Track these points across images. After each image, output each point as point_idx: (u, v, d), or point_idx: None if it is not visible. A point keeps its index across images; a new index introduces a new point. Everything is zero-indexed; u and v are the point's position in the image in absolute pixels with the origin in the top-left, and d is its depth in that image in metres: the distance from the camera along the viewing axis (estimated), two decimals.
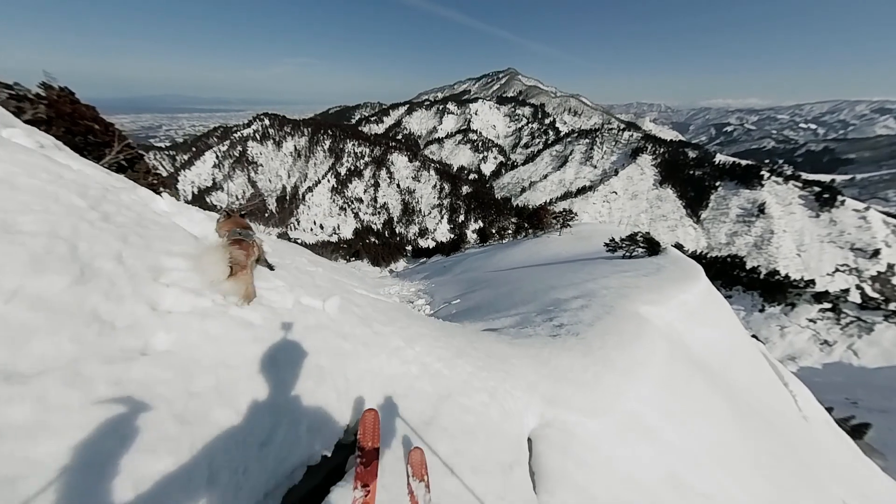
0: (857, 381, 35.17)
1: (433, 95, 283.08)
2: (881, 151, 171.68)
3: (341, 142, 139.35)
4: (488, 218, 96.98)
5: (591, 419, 2.00)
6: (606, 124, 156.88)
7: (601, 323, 3.55)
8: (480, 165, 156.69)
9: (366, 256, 57.16)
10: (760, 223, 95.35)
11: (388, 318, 1.82)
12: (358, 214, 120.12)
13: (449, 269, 20.42)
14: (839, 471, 6.99)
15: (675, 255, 12.64)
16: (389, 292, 14.40)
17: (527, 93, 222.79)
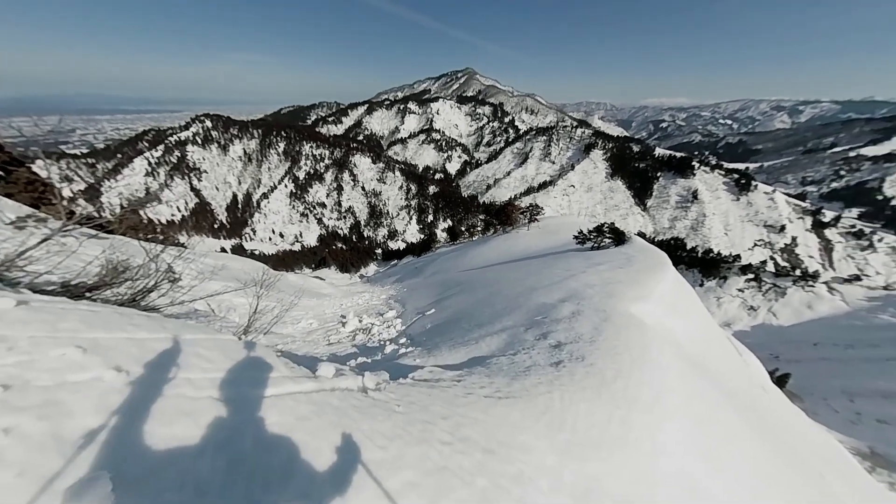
0: (776, 338, 41.01)
1: (393, 95, 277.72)
2: (780, 142, 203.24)
3: (297, 144, 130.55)
4: (457, 216, 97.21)
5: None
6: (561, 122, 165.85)
7: (602, 337, 3.02)
8: (446, 165, 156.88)
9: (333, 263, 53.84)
10: (695, 208, 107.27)
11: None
12: (322, 220, 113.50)
13: (421, 271, 19.51)
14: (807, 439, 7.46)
15: (640, 243, 13.07)
16: (358, 302, 13.14)
17: (486, 92, 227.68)
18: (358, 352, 5.21)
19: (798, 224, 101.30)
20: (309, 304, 11.31)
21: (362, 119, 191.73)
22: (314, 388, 1.16)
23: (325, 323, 8.45)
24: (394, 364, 3.36)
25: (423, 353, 3.82)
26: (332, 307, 11.42)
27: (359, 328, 7.52)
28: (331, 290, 16.52)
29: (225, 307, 7.70)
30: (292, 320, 8.51)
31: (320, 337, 6.62)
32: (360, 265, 48.39)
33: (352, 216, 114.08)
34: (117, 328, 0.93)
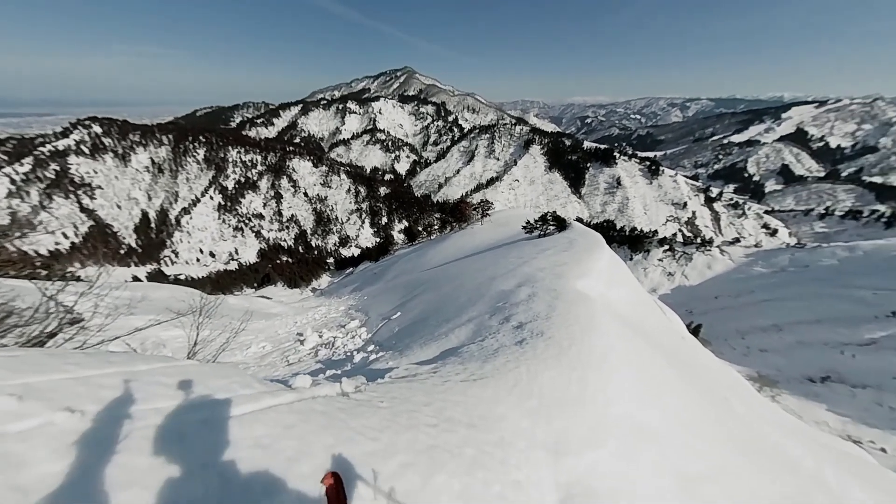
0: (689, 296, 49.42)
1: (329, 94, 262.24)
2: (676, 133, 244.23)
3: (221, 149, 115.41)
4: (412, 216, 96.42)
5: (597, 449, 1.65)
6: (501, 120, 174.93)
7: (556, 313, 3.40)
8: (394, 165, 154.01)
9: (279, 279, 49.06)
10: (620, 192, 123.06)
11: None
12: (260, 233, 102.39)
13: (380, 276, 19.02)
14: (712, 374, 9.24)
15: (579, 228, 14.63)
16: (314, 317, 12.32)
17: (427, 91, 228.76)
18: (324, 366, 4.95)
19: (695, 200, 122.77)
20: (257, 327, 10.28)
21: (297, 120, 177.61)
22: (295, 398, 1.13)
23: (280, 344, 7.78)
24: (367, 370, 3.30)
25: (395, 355, 3.81)
26: (285, 326, 10.55)
27: (320, 343, 7.10)
28: (280, 308, 15.21)
29: (151, 344, 6.62)
30: (241, 346, 7.66)
31: (277, 359, 6.09)
32: (310, 278, 44.96)
33: (296, 225, 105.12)
34: (51, 370, 0.79)
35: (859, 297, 35.35)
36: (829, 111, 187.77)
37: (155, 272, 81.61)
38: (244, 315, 10.06)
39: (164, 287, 13.63)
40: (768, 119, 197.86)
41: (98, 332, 2.78)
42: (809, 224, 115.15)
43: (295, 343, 7.95)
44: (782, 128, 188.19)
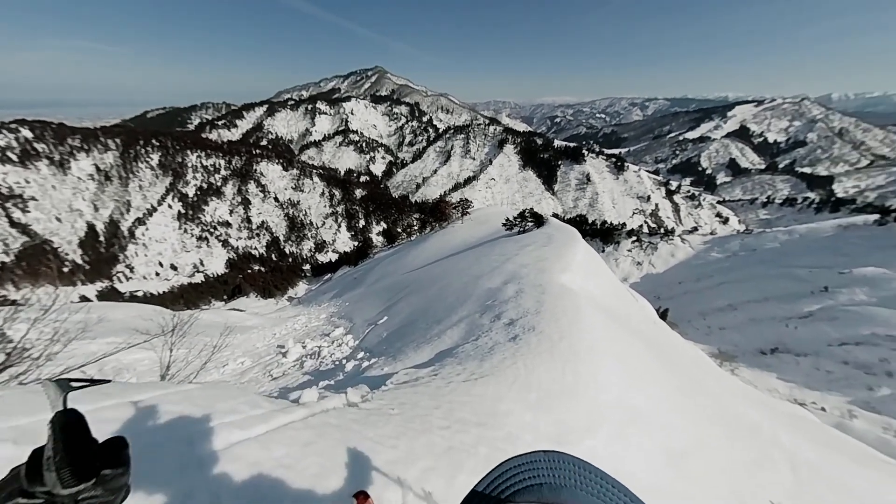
0: (656, 282, 52.87)
1: (297, 94, 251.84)
2: (638, 131, 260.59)
3: (179, 154, 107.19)
4: (391, 218, 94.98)
5: (594, 436, 1.76)
6: (475, 121, 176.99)
7: (544, 308, 3.53)
8: (370, 166, 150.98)
9: (252, 290, 46.41)
10: (590, 188, 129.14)
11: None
12: (228, 242, 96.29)
13: (361, 281, 18.61)
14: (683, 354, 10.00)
15: (555, 223, 15.19)
16: (294, 327, 11.82)
17: (399, 92, 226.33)
18: (313, 378, 4.76)
19: (657, 193, 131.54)
20: (233, 342, 9.71)
21: (263, 121, 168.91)
22: (307, 414, 1.09)
23: (261, 358, 7.39)
24: (363, 378, 3.23)
25: (389, 360, 3.76)
26: (263, 339, 10.05)
27: (304, 354, 6.82)
28: (256, 320, 14.44)
29: (112, 370, 6.04)
30: (217, 364, 7.18)
31: (259, 374, 5.76)
32: (286, 287, 42.99)
33: (267, 232, 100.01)
34: (40, 408, 0.71)
35: (797, 275, 39.56)
36: (766, 109, 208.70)
37: (107, 290, 74.10)
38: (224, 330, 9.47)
39: (122, 306, 12.46)
40: (716, 117, 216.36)
41: (47, 362, 2.49)
42: (755, 212, 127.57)
43: (277, 356, 7.58)
44: (728, 125, 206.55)
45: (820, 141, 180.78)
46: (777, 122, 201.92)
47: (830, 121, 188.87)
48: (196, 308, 30.10)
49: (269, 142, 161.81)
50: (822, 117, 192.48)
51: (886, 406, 22.41)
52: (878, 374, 24.43)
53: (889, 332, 28.61)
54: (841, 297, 33.39)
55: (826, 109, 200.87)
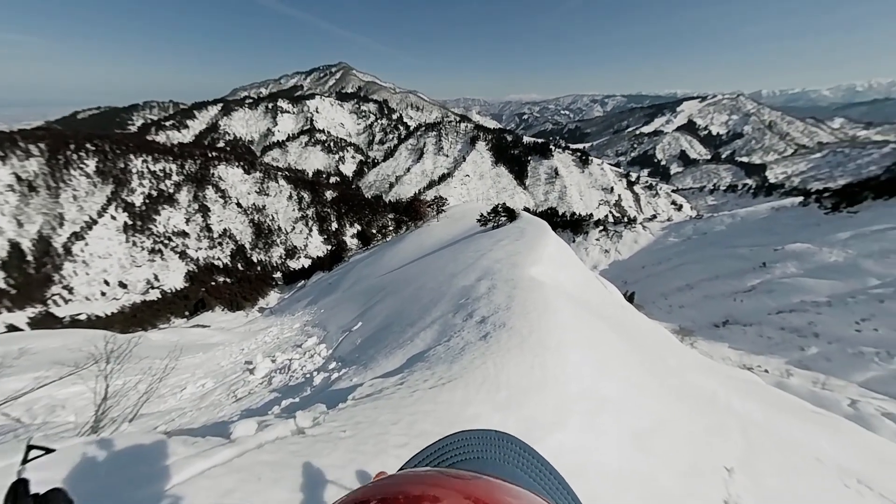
0: (622, 268, 56.41)
1: (255, 92, 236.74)
2: (599, 126, 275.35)
3: (120, 159, 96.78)
4: (365, 219, 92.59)
5: (562, 429, 1.76)
6: (446, 118, 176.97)
7: (515, 302, 3.56)
8: (339, 166, 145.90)
9: (217, 303, 43.16)
10: (558, 182, 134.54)
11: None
12: (186, 253, 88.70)
13: (336, 286, 17.98)
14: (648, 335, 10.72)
15: (527, 217, 15.58)
16: (265, 340, 11.14)
17: (366, 89, 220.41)
18: (280, 395, 4.46)
19: (619, 185, 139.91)
20: (193, 362, 8.94)
21: (218, 121, 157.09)
22: (234, 454, 0.94)
23: (225, 378, 6.84)
24: (329, 393, 3.03)
25: (360, 369, 3.59)
26: (229, 356, 9.35)
27: (274, 369, 6.40)
28: (222, 336, 13.44)
29: (44, 408, 5.30)
30: (173, 389, 6.53)
31: (222, 396, 5.30)
32: (256, 297, 40.49)
33: (231, 241, 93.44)
34: None
35: (741, 254, 44.03)
36: (708, 105, 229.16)
37: (41, 316, 65.38)
38: (173, 352, 8.64)
39: (55, 334, 10.99)
40: (667, 112, 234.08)
41: None
42: (704, 198, 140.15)
43: (243, 374, 7.05)
44: (678, 119, 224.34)
45: (754, 133, 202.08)
46: (718, 116, 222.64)
47: (762, 115, 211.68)
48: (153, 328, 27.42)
49: (227, 143, 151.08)
50: (754, 111, 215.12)
51: (815, 363, 25.66)
52: (807, 336, 27.95)
53: (814, 298, 32.72)
54: (776, 271, 37.70)
55: (758, 104, 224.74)
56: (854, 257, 37.19)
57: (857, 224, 42.80)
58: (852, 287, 31.93)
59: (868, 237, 40.15)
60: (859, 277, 33.49)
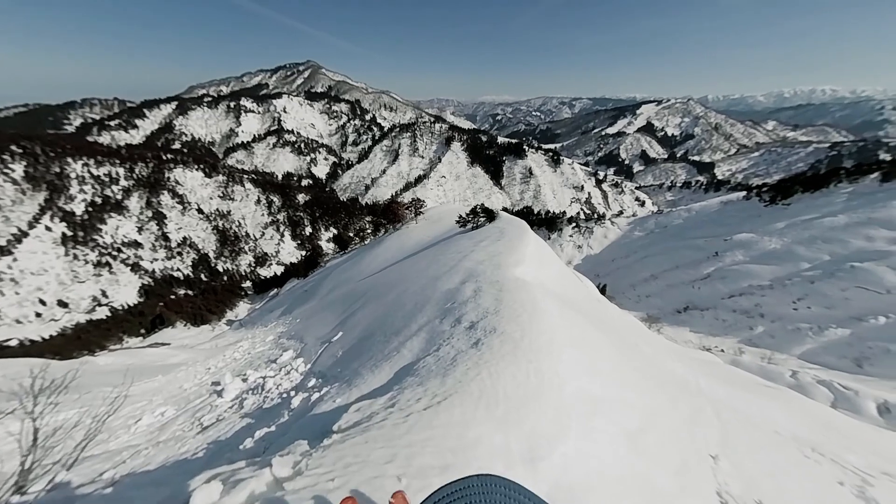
0: (594, 262, 59.26)
1: (215, 90, 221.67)
2: (568, 127, 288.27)
3: (54, 162, 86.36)
4: (341, 222, 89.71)
5: (563, 440, 1.70)
6: (420, 118, 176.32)
7: (503, 305, 3.50)
8: (311, 168, 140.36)
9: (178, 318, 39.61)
10: (532, 181, 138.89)
11: None
12: (139, 265, 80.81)
13: (312, 293, 17.19)
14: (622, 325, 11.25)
15: (506, 217, 15.78)
16: (234, 356, 10.32)
17: (337, 88, 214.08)
18: (254, 422, 4.05)
19: (589, 183, 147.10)
20: (151, 387, 8.07)
21: (173, 121, 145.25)
22: None
23: (189, 403, 6.18)
24: (310, 419, 2.76)
25: (343, 387, 3.33)
26: (193, 377, 8.56)
27: (245, 390, 5.88)
28: (184, 355, 12.32)
29: None
30: (127, 421, 5.79)
31: (186, 426, 4.73)
32: (223, 309, 37.69)
33: (192, 250, 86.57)
34: None
35: (696, 244, 47.94)
36: (664, 108, 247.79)
37: None
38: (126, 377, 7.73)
39: None
40: (629, 115, 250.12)
41: None
42: (663, 194, 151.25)
43: (210, 397, 6.42)
44: (638, 121, 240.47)
45: (703, 134, 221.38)
46: (672, 118, 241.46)
47: (709, 118, 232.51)
48: (103, 350, 24.57)
49: (184, 145, 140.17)
50: (703, 115, 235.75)
51: (762, 340, 28.44)
52: (755, 317, 30.96)
53: (759, 282, 36.27)
54: (727, 259, 41.48)
55: (705, 108, 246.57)
56: (789, 244, 41.67)
57: (791, 215, 48.09)
58: (789, 271, 35.80)
59: (799, 226, 45.22)
60: (794, 262, 37.60)
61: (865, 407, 13.46)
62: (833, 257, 34.58)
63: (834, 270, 32.21)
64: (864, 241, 35.93)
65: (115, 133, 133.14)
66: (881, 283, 28.93)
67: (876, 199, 42.49)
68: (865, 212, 40.79)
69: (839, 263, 33.08)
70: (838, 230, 38.70)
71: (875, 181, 47.02)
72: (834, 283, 30.48)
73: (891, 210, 39.24)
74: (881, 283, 28.93)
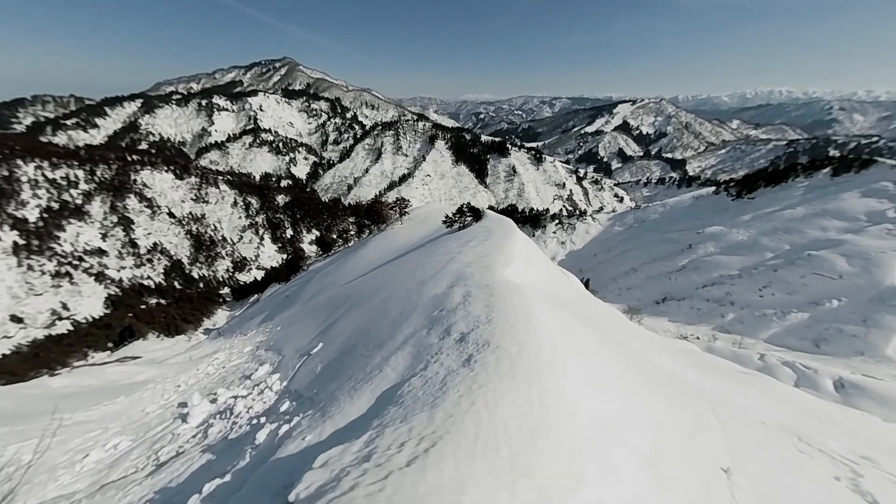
0: (577, 258, 60.65)
1: (185, 87, 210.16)
2: (549, 126, 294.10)
3: (2, 165, 78.97)
4: (323, 224, 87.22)
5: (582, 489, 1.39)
6: (403, 117, 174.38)
7: (495, 313, 3.19)
8: (291, 169, 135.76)
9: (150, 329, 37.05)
10: (516, 179, 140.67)
11: None
12: (104, 274, 75.26)
13: (294, 299, 16.41)
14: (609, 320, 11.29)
15: (493, 215, 15.57)
16: (207, 371, 9.53)
17: (316, 86, 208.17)
18: (214, 458, 3.53)
19: (570, 180, 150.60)
20: (111, 411, 7.26)
21: (138, 120, 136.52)
22: None
23: (149, 431, 5.50)
24: (270, 467, 2.31)
25: (316, 417, 2.88)
26: (160, 397, 7.79)
27: (213, 413, 5.28)
28: (152, 371, 11.32)
29: None
30: (73, 456, 5.06)
31: (140, 462, 4.10)
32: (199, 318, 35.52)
33: (164, 256, 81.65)
34: None
35: (672, 238, 50.00)
36: (639, 108, 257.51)
37: None
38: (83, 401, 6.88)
39: None
40: (606, 114, 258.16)
41: None
42: (640, 190, 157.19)
43: (174, 422, 5.75)
44: (615, 120, 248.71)
45: (675, 132, 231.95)
46: (647, 117, 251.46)
47: (680, 117, 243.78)
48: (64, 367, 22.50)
49: (152, 145, 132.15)
50: (674, 114, 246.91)
51: (733, 326, 29.94)
52: (725, 305, 32.59)
53: (729, 272, 38.21)
54: (700, 251, 43.51)
55: (676, 108, 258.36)
56: (755, 235, 44.15)
57: (755, 208, 51.02)
58: (755, 260, 37.93)
59: (763, 218, 48.02)
60: (759, 252, 39.87)
61: (824, 384, 14.31)
62: (793, 247, 36.96)
63: (794, 259, 34.45)
64: (819, 231, 38.57)
65: (73, 133, 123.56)
66: (834, 270, 31.15)
67: (828, 192, 45.80)
68: (819, 204, 43.86)
69: (798, 252, 35.39)
70: (797, 221, 41.39)
71: (827, 176, 50.76)
72: (794, 271, 32.58)
73: (841, 202, 42.37)
74: (834, 270, 31.15)
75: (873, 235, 33.33)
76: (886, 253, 30.18)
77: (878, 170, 45.90)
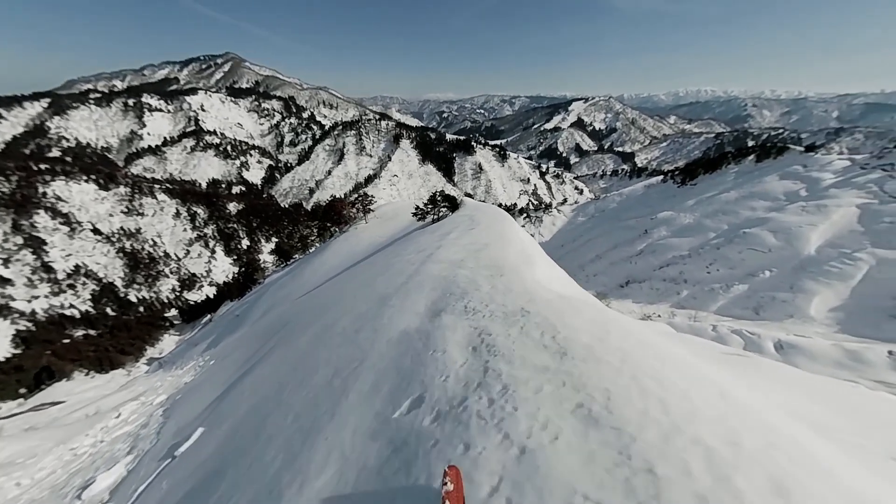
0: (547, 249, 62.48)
1: (105, 85, 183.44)
2: (511, 124, 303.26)
3: None
4: (284, 231, 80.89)
5: None
6: (364, 116, 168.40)
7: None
8: (243, 173, 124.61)
9: (77, 367, 31.13)
10: (483, 176, 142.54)
11: None
12: (9, 307, 62.90)
13: (244, 318, 14.31)
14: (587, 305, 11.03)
15: (471, 203, 14.50)
16: (77, 453, 6.73)
17: (266, 84, 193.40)
18: None
19: (534, 176, 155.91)
20: None
21: (46, 122, 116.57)
22: None
23: None
24: None
25: None
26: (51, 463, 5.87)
27: None
28: (18, 446, 8.00)
29: None
30: None
31: None
32: (140, 347, 30.58)
33: (90, 280, 70.35)
34: None
35: (630, 225, 53.38)
36: (591, 105, 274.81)
37: None
38: None
39: None
40: (562, 112, 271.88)
41: None
42: (597, 182, 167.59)
43: None
44: (570, 117, 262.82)
45: (623, 128, 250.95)
46: (598, 114, 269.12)
47: (626, 113, 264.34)
48: None
49: (67, 151, 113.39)
50: (622, 111, 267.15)
51: (688, 302, 32.41)
52: (679, 283, 35.33)
53: (680, 253, 41.46)
54: (654, 235, 46.94)
55: (623, 105, 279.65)
56: (699, 218, 48.49)
57: (697, 193, 56.16)
58: (701, 241, 41.65)
59: (705, 202, 52.92)
60: (704, 233, 43.84)
61: (766, 347, 15.64)
62: (730, 226, 41.25)
63: (732, 237, 38.44)
64: (750, 211, 43.42)
65: None
66: (765, 244, 35.15)
67: (754, 177, 51.89)
68: (748, 187, 49.51)
69: (735, 231, 39.57)
70: (731, 203, 46.32)
71: (752, 162, 57.59)
72: (733, 248, 36.36)
73: (765, 184, 48.12)
74: (765, 244, 35.15)
75: (792, 212, 38.21)
76: (803, 227, 34.71)
77: (790, 156, 52.99)
